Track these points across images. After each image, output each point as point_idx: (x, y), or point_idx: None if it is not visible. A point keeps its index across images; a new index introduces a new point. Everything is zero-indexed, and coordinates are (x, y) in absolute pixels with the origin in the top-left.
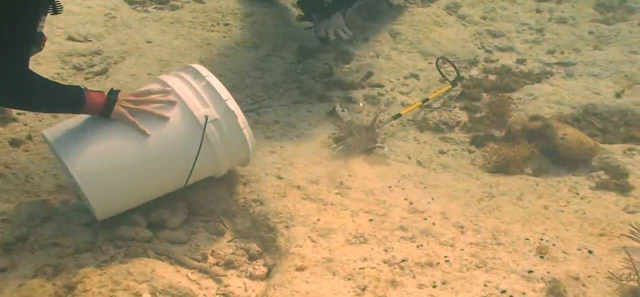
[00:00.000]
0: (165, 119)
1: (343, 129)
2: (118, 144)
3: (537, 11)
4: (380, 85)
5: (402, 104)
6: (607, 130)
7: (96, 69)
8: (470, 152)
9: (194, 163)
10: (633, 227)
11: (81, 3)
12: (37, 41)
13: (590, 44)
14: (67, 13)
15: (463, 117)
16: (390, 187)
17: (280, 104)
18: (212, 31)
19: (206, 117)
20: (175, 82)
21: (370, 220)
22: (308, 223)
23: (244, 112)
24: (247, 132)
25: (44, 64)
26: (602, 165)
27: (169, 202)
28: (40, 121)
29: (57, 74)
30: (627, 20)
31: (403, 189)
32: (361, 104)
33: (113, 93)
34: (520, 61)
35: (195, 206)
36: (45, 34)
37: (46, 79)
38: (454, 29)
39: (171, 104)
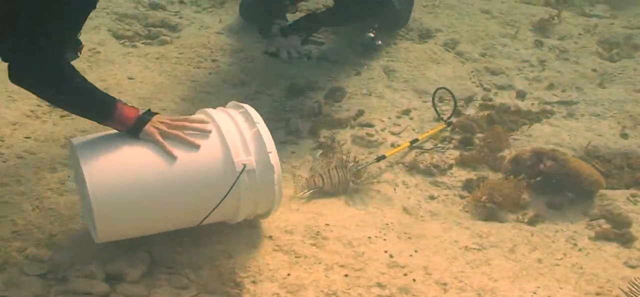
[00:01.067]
0: (197, 149)
1: (316, 174)
2: (141, 164)
3: (539, 47)
4: (370, 125)
5: (392, 145)
6: (610, 174)
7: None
8: (462, 197)
9: (215, 207)
10: (632, 284)
11: None
12: (74, 46)
13: (593, 81)
14: None
15: (456, 158)
16: (370, 237)
17: None
18: (198, 67)
19: (244, 166)
20: (223, 119)
21: (346, 275)
22: (277, 278)
23: None
24: (278, 188)
25: (19, 101)
26: (603, 212)
27: (128, 251)
28: (4, 162)
29: (32, 111)
30: (632, 57)
31: (384, 239)
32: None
33: (148, 113)
34: (520, 99)
35: (158, 257)
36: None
37: (80, 75)
38: (451, 66)
39: (208, 136)
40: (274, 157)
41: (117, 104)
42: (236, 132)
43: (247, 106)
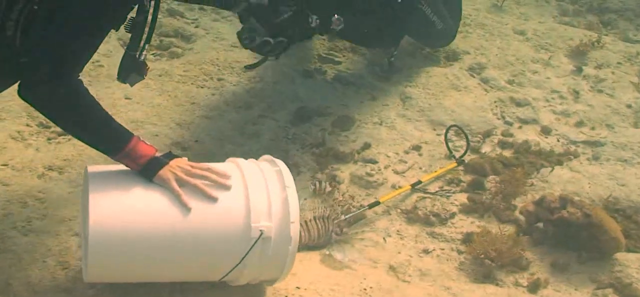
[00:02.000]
0: (214, 203)
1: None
2: (151, 209)
3: (572, 76)
4: (373, 161)
5: (393, 186)
6: (629, 234)
7: (59, 129)
8: (459, 252)
9: (222, 277)
10: None
11: None
12: (140, 68)
13: (626, 119)
14: None
15: (462, 205)
16: None
17: None
18: (201, 87)
19: (261, 233)
20: (253, 174)
21: None
22: None
23: None
24: (290, 260)
25: (7, 120)
26: (612, 281)
27: None
28: None
29: (19, 132)
30: None
31: None
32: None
33: (167, 155)
34: (543, 135)
35: None
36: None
37: (96, 102)
38: (473, 94)
39: (229, 190)
40: (294, 228)
41: (131, 139)
42: (264, 191)
43: (281, 165)
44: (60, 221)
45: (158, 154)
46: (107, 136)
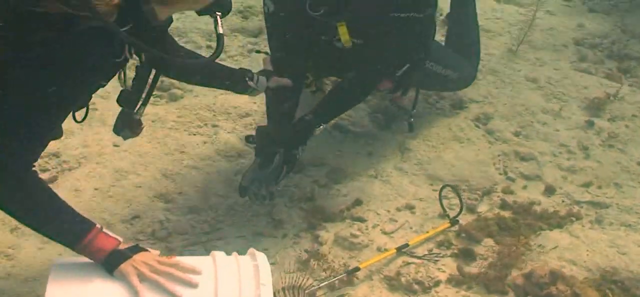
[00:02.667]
0: None
1: None
2: None
3: (584, 129)
4: (361, 220)
5: (379, 248)
6: None
7: (46, 176)
8: None
9: None
10: None
11: None
12: (133, 126)
13: (635, 178)
14: None
15: (450, 270)
16: None
17: (238, 235)
18: (194, 134)
19: None
20: (226, 271)
21: None
22: None
23: (190, 245)
24: None
25: None
26: None
27: None
28: None
29: None
30: None
31: None
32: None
33: (132, 248)
34: (547, 195)
35: None
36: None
37: (50, 193)
38: (475, 147)
39: (196, 287)
40: None
41: (89, 232)
42: (236, 288)
43: (260, 259)
44: (24, 281)
45: (122, 247)
46: (64, 230)
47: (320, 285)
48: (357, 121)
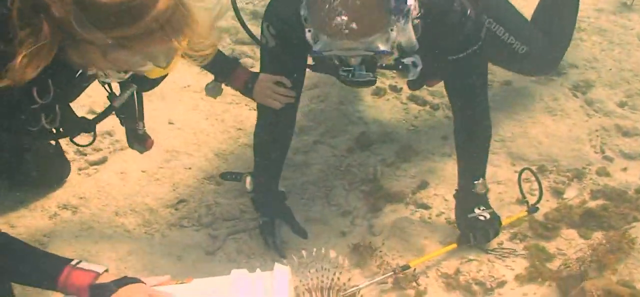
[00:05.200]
0: None
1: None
2: None
3: None
4: (425, 206)
5: (441, 241)
6: None
7: (96, 157)
8: None
9: None
10: None
11: None
12: (141, 141)
13: None
14: None
15: (520, 268)
16: None
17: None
18: (254, 109)
19: None
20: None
21: None
22: None
23: (235, 232)
24: None
25: None
26: None
27: None
28: None
29: None
30: None
31: None
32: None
33: (119, 282)
34: None
35: None
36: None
37: (17, 241)
38: (570, 120)
39: None
40: None
41: (62, 270)
42: None
43: (279, 273)
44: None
45: (108, 278)
46: (38, 276)
47: (360, 286)
48: (438, 91)
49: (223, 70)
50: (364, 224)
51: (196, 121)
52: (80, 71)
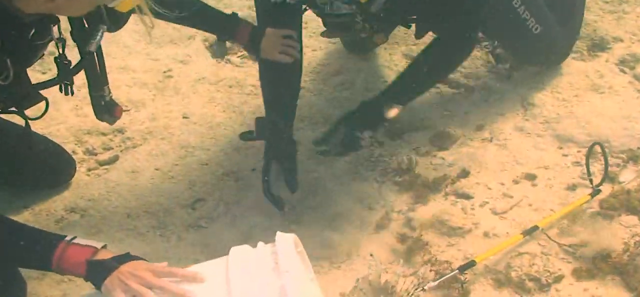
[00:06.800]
0: None
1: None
2: None
3: None
4: (467, 196)
5: (485, 234)
6: None
7: (106, 156)
8: None
9: None
10: None
11: (150, 54)
12: (110, 109)
13: None
14: (121, 70)
15: (577, 262)
16: None
17: (314, 217)
18: None
19: None
20: (238, 271)
21: None
22: None
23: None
24: None
25: None
26: None
27: None
28: None
29: None
30: None
31: None
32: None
33: (120, 259)
34: None
35: None
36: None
37: (4, 218)
38: (619, 98)
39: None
40: None
41: (57, 246)
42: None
43: (283, 240)
44: (57, 283)
45: (106, 255)
46: (32, 255)
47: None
48: (472, 73)
49: (225, 28)
50: (400, 218)
51: (212, 115)
52: (33, 30)
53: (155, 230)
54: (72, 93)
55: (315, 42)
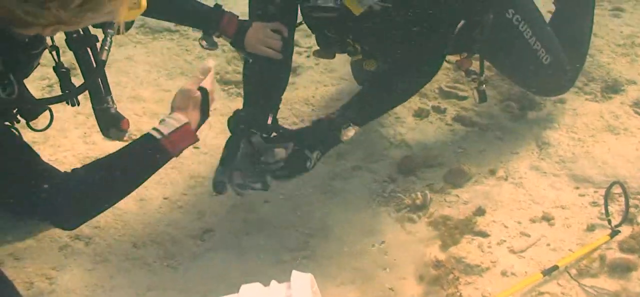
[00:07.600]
0: None
1: None
2: None
3: None
4: (483, 234)
5: (503, 273)
6: None
7: None
8: None
9: None
10: None
11: (161, 85)
12: (116, 122)
13: None
14: (132, 99)
15: None
16: None
17: (327, 253)
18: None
19: None
20: None
21: None
22: None
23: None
24: None
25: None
26: None
27: None
28: None
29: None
30: None
31: None
32: None
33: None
34: None
35: None
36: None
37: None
38: (636, 139)
39: None
40: None
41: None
42: None
43: (299, 280)
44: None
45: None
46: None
47: None
48: (485, 112)
49: (210, 21)
50: (418, 253)
51: (223, 145)
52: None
53: (162, 260)
54: (78, 103)
55: (327, 78)
